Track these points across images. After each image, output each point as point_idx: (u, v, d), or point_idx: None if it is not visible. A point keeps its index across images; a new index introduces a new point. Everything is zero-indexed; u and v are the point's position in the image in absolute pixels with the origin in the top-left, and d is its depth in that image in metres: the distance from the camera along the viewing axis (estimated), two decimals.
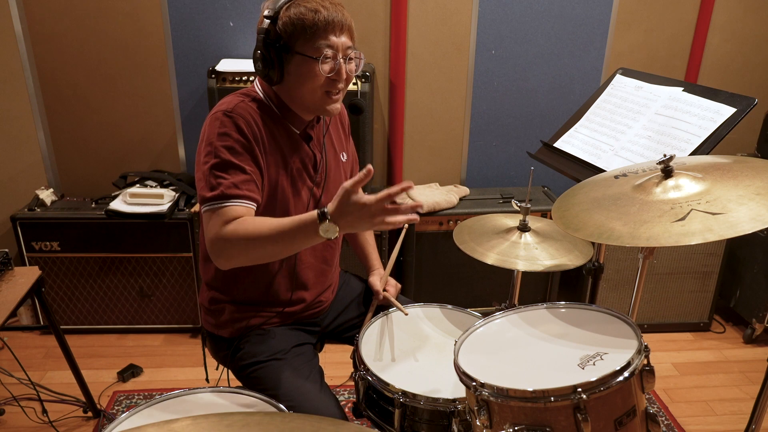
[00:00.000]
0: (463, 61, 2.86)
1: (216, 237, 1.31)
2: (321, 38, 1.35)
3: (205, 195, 1.35)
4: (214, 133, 1.36)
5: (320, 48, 1.35)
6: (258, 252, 1.31)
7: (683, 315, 2.86)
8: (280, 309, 1.57)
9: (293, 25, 1.34)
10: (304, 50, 1.36)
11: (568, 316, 1.35)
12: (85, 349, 2.68)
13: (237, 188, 1.34)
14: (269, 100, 1.46)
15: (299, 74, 1.39)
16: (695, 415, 2.37)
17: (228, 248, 1.31)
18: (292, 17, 1.34)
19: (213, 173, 1.34)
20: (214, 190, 1.33)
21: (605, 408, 1.11)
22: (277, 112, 1.46)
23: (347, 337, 1.72)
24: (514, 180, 3.08)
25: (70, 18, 2.66)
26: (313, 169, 1.52)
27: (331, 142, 1.60)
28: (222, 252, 1.32)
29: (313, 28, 1.34)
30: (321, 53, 1.35)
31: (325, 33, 1.35)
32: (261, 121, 1.41)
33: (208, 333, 1.63)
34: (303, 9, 1.34)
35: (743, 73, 3.00)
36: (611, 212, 1.28)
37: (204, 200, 1.35)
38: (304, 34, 1.35)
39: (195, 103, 2.83)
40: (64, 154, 2.87)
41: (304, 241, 1.30)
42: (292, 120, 1.48)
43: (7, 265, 2.00)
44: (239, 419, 0.68)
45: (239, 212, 1.33)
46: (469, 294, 2.80)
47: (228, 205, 1.33)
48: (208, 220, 1.34)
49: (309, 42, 1.35)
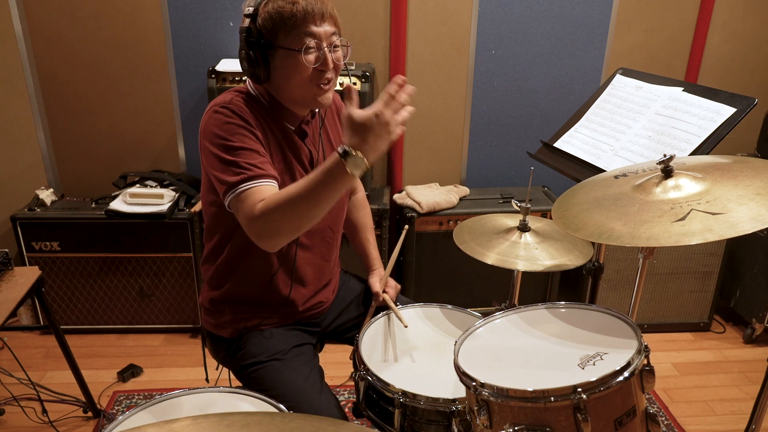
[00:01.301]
0: (463, 61, 2.86)
1: (252, 218, 1.28)
2: (301, 29, 1.33)
3: (230, 181, 1.32)
4: (219, 123, 1.36)
5: (302, 39, 1.34)
6: (297, 215, 1.26)
7: (683, 315, 2.86)
8: (280, 308, 1.57)
9: (272, 20, 1.33)
10: (287, 43, 1.34)
11: (568, 316, 1.35)
12: (85, 349, 2.68)
13: (259, 168, 1.33)
14: (261, 97, 1.46)
15: (285, 69, 1.37)
16: (695, 415, 2.37)
17: (268, 224, 1.27)
18: (271, 12, 1.33)
19: (230, 160, 1.34)
20: (238, 176, 1.32)
21: (605, 408, 1.11)
22: (270, 108, 1.46)
23: (347, 337, 1.72)
24: (514, 180, 3.08)
25: (70, 18, 2.66)
26: (309, 165, 1.51)
27: (327, 136, 1.59)
28: (264, 230, 1.28)
29: (292, 19, 1.32)
30: (303, 44, 1.34)
31: (305, 23, 1.33)
32: (255, 117, 1.41)
33: (208, 333, 1.63)
34: (280, 2, 1.33)
35: (743, 73, 3.00)
36: (611, 212, 1.28)
37: (230, 187, 1.32)
38: (284, 27, 1.33)
39: (195, 103, 2.83)
40: (64, 154, 2.87)
41: (337, 186, 1.22)
42: (286, 116, 1.48)
43: (7, 265, 2.00)
44: (239, 419, 0.68)
45: (266, 191, 1.31)
46: (469, 294, 2.80)
47: (254, 186, 1.31)
48: (237, 206, 1.32)
49: (290, 34, 1.34)
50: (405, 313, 1.67)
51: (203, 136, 1.40)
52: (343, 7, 2.72)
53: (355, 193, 1.80)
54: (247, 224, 1.30)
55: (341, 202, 1.62)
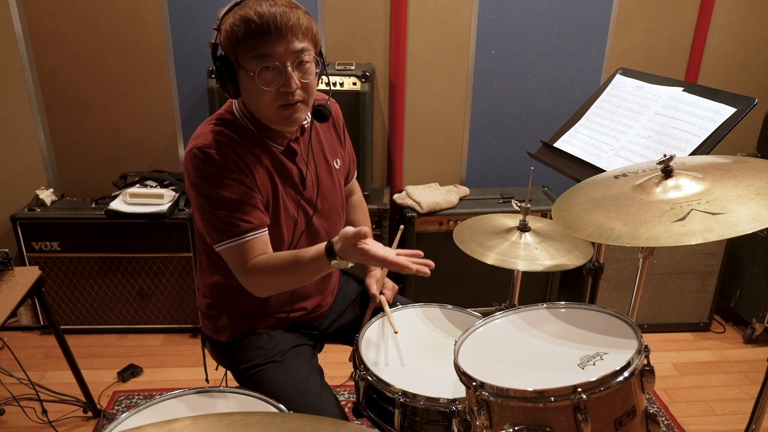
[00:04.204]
0: (463, 61, 2.86)
1: (239, 274, 1.37)
2: (258, 49, 1.23)
3: (215, 236, 1.36)
4: (199, 170, 1.32)
5: (257, 60, 1.23)
6: (282, 285, 1.39)
7: (683, 315, 2.86)
8: (278, 314, 1.57)
9: (229, 39, 1.24)
10: (245, 64, 1.25)
11: (568, 316, 1.35)
12: (85, 349, 2.68)
13: (244, 222, 1.34)
14: (245, 119, 1.38)
15: (247, 89, 1.29)
16: (695, 415, 2.37)
17: (258, 285, 1.38)
18: (228, 30, 1.24)
19: (214, 215, 1.34)
20: (222, 232, 1.34)
21: (605, 408, 1.11)
22: (255, 132, 1.39)
23: (347, 338, 1.72)
24: (514, 180, 3.08)
25: (70, 18, 2.66)
26: (301, 185, 1.47)
27: (321, 150, 1.53)
28: (255, 287, 1.38)
29: (248, 39, 1.22)
30: (260, 65, 1.24)
31: (262, 43, 1.22)
32: (238, 147, 1.35)
33: (207, 337, 1.63)
34: (237, 18, 1.22)
35: (743, 73, 3.00)
36: (611, 212, 1.28)
37: (215, 240, 1.37)
38: (241, 46, 1.24)
39: (195, 103, 2.83)
40: (64, 154, 2.87)
41: (320, 273, 1.35)
42: (273, 137, 1.40)
43: (7, 265, 2.00)
44: (239, 419, 0.68)
45: (253, 245, 1.35)
46: (469, 294, 2.80)
47: (241, 241, 1.35)
48: (227, 258, 1.38)
49: (248, 54, 1.24)
50: (405, 313, 1.67)
51: (186, 177, 1.37)
52: (343, 7, 2.72)
53: (353, 195, 1.79)
54: (239, 278, 1.38)
55: (340, 208, 1.61)
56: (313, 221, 1.50)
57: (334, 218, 1.58)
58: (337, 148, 1.61)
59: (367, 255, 1.24)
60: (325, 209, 1.53)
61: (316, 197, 1.50)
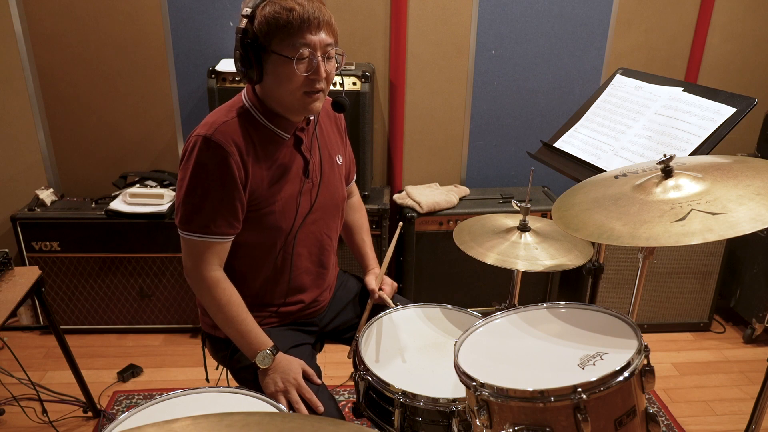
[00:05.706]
0: (463, 61, 2.86)
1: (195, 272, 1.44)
2: (296, 37, 1.32)
3: (185, 222, 1.41)
4: (197, 160, 1.37)
5: (296, 47, 1.32)
6: (215, 313, 1.47)
7: (683, 315, 2.86)
8: (276, 309, 1.57)
9: (268, 24, 1.32)
10: (281, 50, 1.33)
11: (568, 316, 1.35)
12: (85, 349, 2.68)
13: (219, 223, 1.39)
14: (255, 108, 1.44)
15: (277, 74, 1.36)
16: (695, 415, 2.37)
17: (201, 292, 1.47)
18: (267, 16, 1.32)
19: (189, 204, 1.39)
20: (189, 223, 1.40)
21: (605, 408, 1.11)
22: (263, 121, 1.44)
23: (346, 337, 1.72)
24: (514, 180, 3.08)
25: (70, 18, 2.66)
26: (304, 173, 1.50)
27: (325, 143, 1.57)
28: (194, 289, 1.48)
29: (288, 26, 1.31)
30: (297, 52, 1.32)
31: (301, 31, 1.32)
32: (244, 136, 1.40)
33: (206, 334, 1.63)
34: (278, 7, 1.31)
35: (743, 73, 3.00)
36: (611, 212, 1.28)
37: (183, 226, 1.42)
38: (279, 33, 1.32)
39: (195, 103, 2.83)
40: (64, 154, 2.87)
41: (240, 345, 1.47)
42: (280, 124, 1.46)
43: (7, 265, 2.00)
44: (239, 419, 0.68)
45: (216, 248, 1.42)
46: (469, 294, 2.80)
47: (207, 240, 1.41)
48: (186, 247, 1.44)
49: (284, 41, 1.32)
50: (405, 313, 1.67)
51: (183, 157, 1.41)
52: (343, 7, 2.72)
53: (351, 197, 1.80)
54: (186, 268, 1.46)
55: (337, 208, 1.62)
56: (313, 211, 1.52)
57: (333, 211, 1.59)
58: (339, 145, 1.64)
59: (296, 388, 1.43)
60: (326, 200, 1.56)
61: (318, 187, 1.53)
